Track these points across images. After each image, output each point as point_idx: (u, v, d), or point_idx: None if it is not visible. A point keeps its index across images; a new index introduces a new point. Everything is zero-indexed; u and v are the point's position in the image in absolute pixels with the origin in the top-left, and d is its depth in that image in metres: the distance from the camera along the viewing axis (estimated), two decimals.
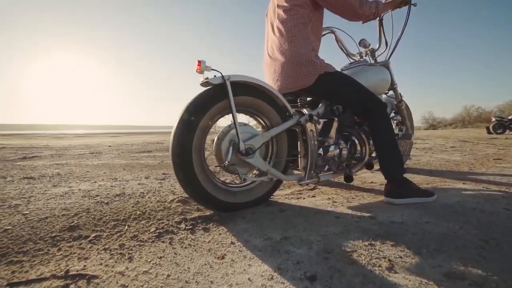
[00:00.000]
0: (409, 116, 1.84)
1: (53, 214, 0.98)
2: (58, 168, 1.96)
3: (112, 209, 1.06)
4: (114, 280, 0.60)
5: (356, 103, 1.22)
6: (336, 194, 1.32)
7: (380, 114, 1.19)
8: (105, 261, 0.68)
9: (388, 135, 1.18)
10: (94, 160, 2.44)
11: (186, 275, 0.62)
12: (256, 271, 0.63)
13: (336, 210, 1.07)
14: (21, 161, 2.28)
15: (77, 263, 0.67)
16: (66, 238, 0.81)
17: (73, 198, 1.19)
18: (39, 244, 0.77)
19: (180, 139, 0.94)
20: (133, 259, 0.70)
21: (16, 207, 1.06)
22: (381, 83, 1.46)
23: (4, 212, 1.01)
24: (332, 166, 1.30)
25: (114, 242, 0.79)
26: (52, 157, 2.57)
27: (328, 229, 0.86)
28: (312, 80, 1.13)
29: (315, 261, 0.66)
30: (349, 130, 1.38)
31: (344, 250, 0.71)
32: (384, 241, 0.76)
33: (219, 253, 0.73)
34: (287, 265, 0.65)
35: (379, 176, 1.66)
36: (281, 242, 0.78)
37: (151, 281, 0.60)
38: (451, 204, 1.08)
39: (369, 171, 1.86)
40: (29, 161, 2.33)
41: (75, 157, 2.59)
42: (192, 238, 0.83)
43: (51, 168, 1.92)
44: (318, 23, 1.18)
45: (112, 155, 2.85)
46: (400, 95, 1.70)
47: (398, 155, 1.16)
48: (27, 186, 1.38)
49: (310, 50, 1.13)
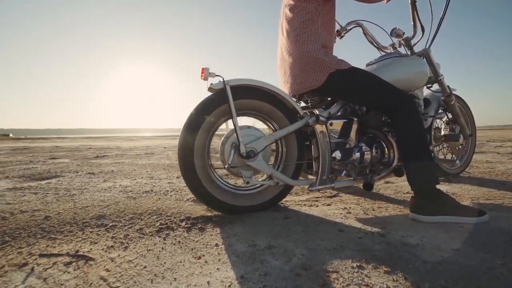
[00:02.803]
0: (464, 113, 1.48)
1: (92, 204, 1.20)
2: (115, 166, 2.36)
3: (136, 203, 1.22)
4: (103, 264, 0.70)
5: (375, 101, 1.07)
6: (356, 204, 1.17)
7: (405, 112, 1.00)
8: (106, 247, 0.80)
9: (415, 137, 0.98)
10: (145, 160, 2.84)
11: (158, 269, 0.67)
12: (220, 276, 0.63)
13: (344, 222, 0.95)
14: (94, 159, 2.84)
15: (87, 246, 0.81)
16: (91, 225, 0.98)
17: (112, 192, 1.42)
18: (72, 227, 0.95)
19: (183, 140, 1.01)
20: (127, 248, 0.79)
21: (72, 196, 1.34)
22: (415, 76, 1.23)
23: (64, 199, 1.28)
24: (351, 172, 1.16)
25: (122, 232, 0.91)
26: (116, 157, 3.11)
27: (322, 243, 0.78)
28: (322, 80, 1.04)
29: (283, 276, 0.61)
30: (374, 131, 1.21)
31: (324, 269, 0.64)
32: (379, 266, 0.64)
33: (199, 253, 0.75)
34: (252, 276, 0.62)
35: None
36: (264, 250, 0.75)
37: (129, 270, 0.67)
38: (505, 230, 0.82)
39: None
40: (99, 159, 2.88)
41: (132, 157, 3.07)
42: (185, 236, 0.88)
43: (109, 166, 2.33)
44: (329, 16, 1.08)
45: (161, 156, 3.25)
46: (449, 88, 1.38)
47: (427, 161, 0.96)
48: (87, 180, 1.72)
49: (318, 47, 1.04)
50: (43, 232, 0.90)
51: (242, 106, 1.09)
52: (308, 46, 1.04)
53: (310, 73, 1.05)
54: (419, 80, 1.25)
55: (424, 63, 1.26)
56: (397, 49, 1.43)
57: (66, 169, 2.13)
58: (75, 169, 2.13)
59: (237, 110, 1.09)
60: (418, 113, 1.02)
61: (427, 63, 1.33)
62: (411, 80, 1.23)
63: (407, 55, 1.30)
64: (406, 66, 1.23)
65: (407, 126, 1.00)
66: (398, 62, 1.24)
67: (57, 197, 1.31)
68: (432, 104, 1.47)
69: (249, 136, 1.07)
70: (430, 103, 1.43)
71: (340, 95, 1.12)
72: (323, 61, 1.03)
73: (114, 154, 3.45)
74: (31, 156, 3.14)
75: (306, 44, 1.05)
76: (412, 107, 1.02)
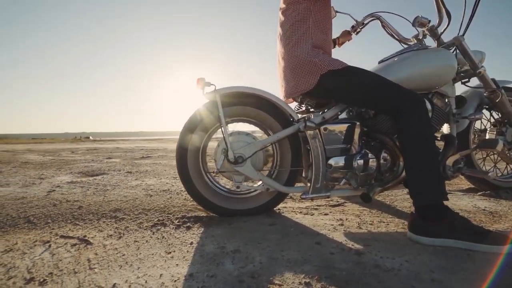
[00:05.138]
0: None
1: (116, 199, 1.42)
2: (151, 166, 2.67)
3: (149, 200, 1.38)
4: (96, 249, 0.83)
5: (374, 102, 0.96)
6: (356, 215, 1.07)
7: (409, 114, 0.87)
8: (107, 236, 0.94)
9: (418, 142, 0.84)
10: None
11: (132, 258, 0.76)
12: (174, 271, 0.68)
13: (329, 234, 0.89)
14: (139, 160, 3.28)
15: (93, 233, 0.97)
16: (107, 216, 1.16)
17: (137, 189, 1.64)
18: (93, 216, 1.15)
19: (180, 141, 1.11)
20: (121, 238, 0.92)
21: (107, 191, 1.60)
22: (437, 71, 1.04)
23: (99, 193, 1.55)
24: (351, 181, 1.07)
25: (125, 224, 1.05)
26: (157, 158, 3.50)
27: (288, 254, 0.76)
28: (313, 82, 1.00)
29: (226, 281, 0.62)
30: (381, 137, 1.08)
31: (270, 280, 0.62)
32: (328, 286, 0.58)
33: (171, 249, 0.82)
34: (200, 275, 0.65)
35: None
36: (228, 254, 0.77)
37: (111, 256, 0.78)
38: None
39: None
40: (143, 160, 3.30)
41: (171, 158, 3.40)
42: (171, 232, 0.96)
43: (147, 166, 2.66)
44: (322, 14, 1.03)
45: None
46: (495, 82, 1.12)
47: (432, 172, 0.81)
48: (124, 177, 2.02)
49: (308, 48, 1.00)
50: (72, 219, 1.12)
51: (235, 112, 1.13)
52: (297, 48, 1.02)
53: (301, 76, 1.02)
54: (442, 75, 1.06)
55: (448, 55, 1.06)
56: (421, 40, 1.24)
57: (113, 167, 2.54)
58: (119, 168, 2.52)
59: (231, 117, 1.13)
60: (425, 114, 0.87)
61: (461, 53, 1.12)
62: (432, 75, 1.06)
63: (426, 47, 1.12)
64: (425, 60, 1.06)
65: (409, 129, 0.87)
66: (414, 56, 1.08)
67: (95, 191, 1.60)
68: (469, 103, 1.22)
69: (239, 142, 1.10)
70: (465, 101, 1.18)
71: (335, 97, 1.05)
72: (313, 63, 0.99)
73: (157, 155, 3.90)
74: (95, 156, 3.83)
75: (296, 47, 1.02)
76: (418, 108, 0.88)
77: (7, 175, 2.18)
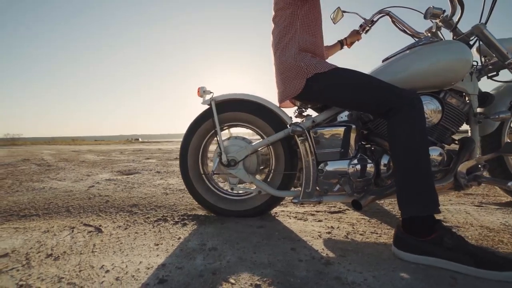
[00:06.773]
0: None
1: (137, 196, 1.61)
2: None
3: (164, 198, 1.54)
4: (104, 236, 0.98)
5: (363, 103, 0.90)
6: (350, 224, 1.02)
7: (402, 115, 0.79)
8: (116, 226, 1.10)
9: (409, 148, 0.76)
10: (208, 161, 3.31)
11: (126, 246, 0.88)
12: (152, 260, 0.77)
13: (310, 241, 0.87)
14: (172, 160, 3.58)
15: (108, 223, 1.14)
16: (125, 210, 1.34)
17: (158, 187, 1.83)
18: (114, 210, 1.34)
19: (182, 142, 1.22)
20: (126, 229, 1.06)
21: (133, 188, 1.83)
22: (445, 67, 0.93)
23: (127, 190, 1.78)
24: (344, 187, 1.02)
25: (135, 218, 1.20)
26: None
27: (258, 256, 0.78)
28: (300, 86, 1.00)
29: (188, 273, 0.68)
30: (380, 141, 1.01)
31: (225, 278, 0.66)
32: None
33: (161, 241, 0.92)
34: (170, 267, 0.72)
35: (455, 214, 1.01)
36: (204, 250, 0.83)
37: (111, 243, 0.91)
38: None
39: None
40: (173, 161, 3.60)
41: None
42: (168, 227, 1.07)
43: (175, 167, 2.90)
44: (311, 17, 1.02)
45: None
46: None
47: (422, 180, 0.73)
48: (151, 177, 2.26)
49: (295, 53, 1.01)
50: (98, 211, 1.33)
51: (230, 118, 1.19)
52: (284, 54, 1.03)
53: (289, 81, 1.03)
54: (453, 70, 0.93)
55: (459, 47, 0.93)
56: (436, 33, 1.12)
57: (147, 167, 2.86)
58: (152, 168, 2.82)
59: (226, 122, 1.20)
60: (419, 116, 0.79)
61: (485, 43, 0.97)
62: (440, 71, 0.94)
63: (435, 40, 1.00)
64: (431, 55, 0.95)
65: (399, 132, 0.80)
66: (419, 52, 0.98)
67: (125, 188, 1.84)
68: (499, 100, 1.03)
69: (234, 146, 1.16)
70: (493, 99, 1.01)
71: (324, 100, 1.02)
72: (299, 67, 0.98)
73: None
74: (137, 156, 4.32)
75: (283, 52, 1.03)
76: (410, 109, 0.80)
77: (67, 171, 2.65)
